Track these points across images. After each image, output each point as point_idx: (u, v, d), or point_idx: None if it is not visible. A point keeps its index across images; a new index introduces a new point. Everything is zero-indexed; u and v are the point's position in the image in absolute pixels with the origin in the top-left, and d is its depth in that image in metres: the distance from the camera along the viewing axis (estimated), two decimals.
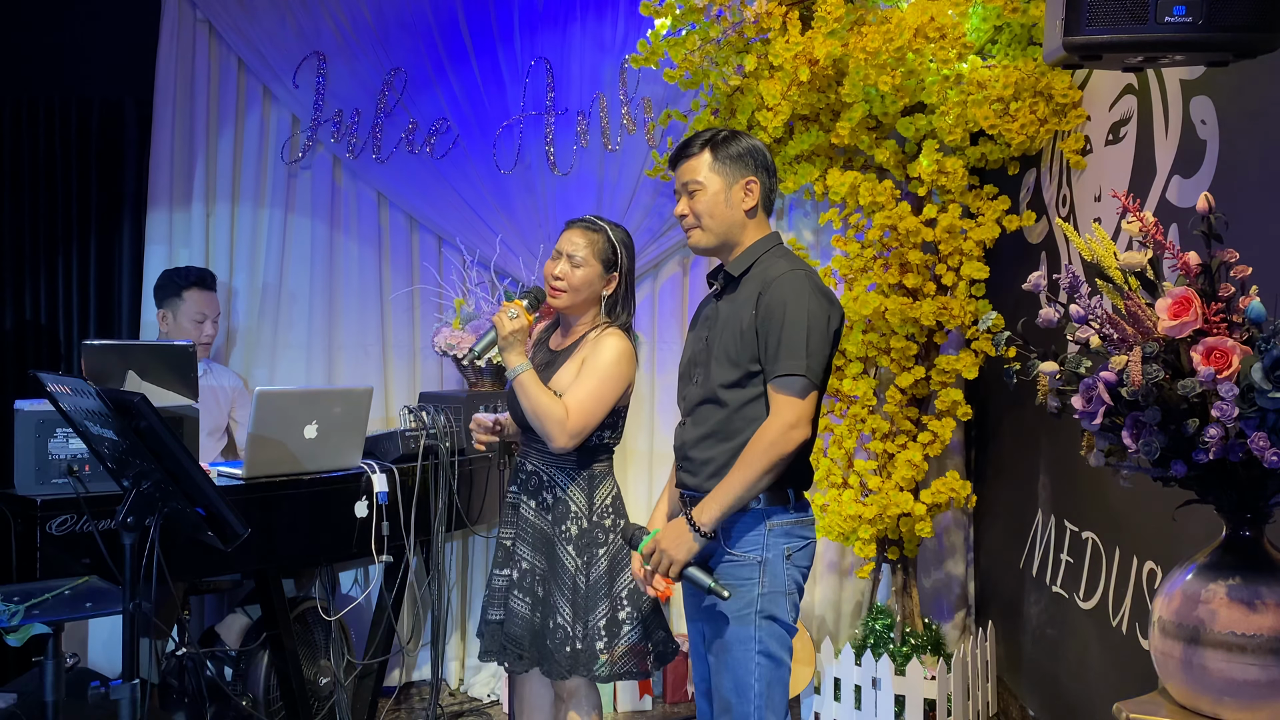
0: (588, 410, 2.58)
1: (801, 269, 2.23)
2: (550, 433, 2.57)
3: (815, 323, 2.17)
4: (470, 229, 4.18)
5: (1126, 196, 1.71)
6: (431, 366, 4.30)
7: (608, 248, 2.70)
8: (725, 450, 2.24)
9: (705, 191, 2.30)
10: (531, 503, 2.73)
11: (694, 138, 2.35)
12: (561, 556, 2.66)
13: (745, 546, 2.23)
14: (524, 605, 2.70)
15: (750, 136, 2.36)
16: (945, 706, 3.55)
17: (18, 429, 2.66)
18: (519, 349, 2.60)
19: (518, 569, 2.72)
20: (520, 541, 2.73)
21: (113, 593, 2.36)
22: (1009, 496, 3.75)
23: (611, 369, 2.61)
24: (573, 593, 2.64)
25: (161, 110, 4.11)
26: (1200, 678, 1.58)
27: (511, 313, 2.61)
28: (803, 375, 2.14)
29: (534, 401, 2.57)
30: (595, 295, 2.71)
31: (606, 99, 4.17)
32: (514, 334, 2.59)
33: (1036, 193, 3.47)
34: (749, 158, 2.31)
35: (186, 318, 3.69)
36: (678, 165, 2.35)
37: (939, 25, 3.17)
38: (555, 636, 2.64)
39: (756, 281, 2.25)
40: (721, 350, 2.26)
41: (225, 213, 4.18)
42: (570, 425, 2.57)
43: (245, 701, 3.33)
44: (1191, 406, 1.55)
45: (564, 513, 2.67)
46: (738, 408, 2.24)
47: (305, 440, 3.00)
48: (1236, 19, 1.88)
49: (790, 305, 2.17)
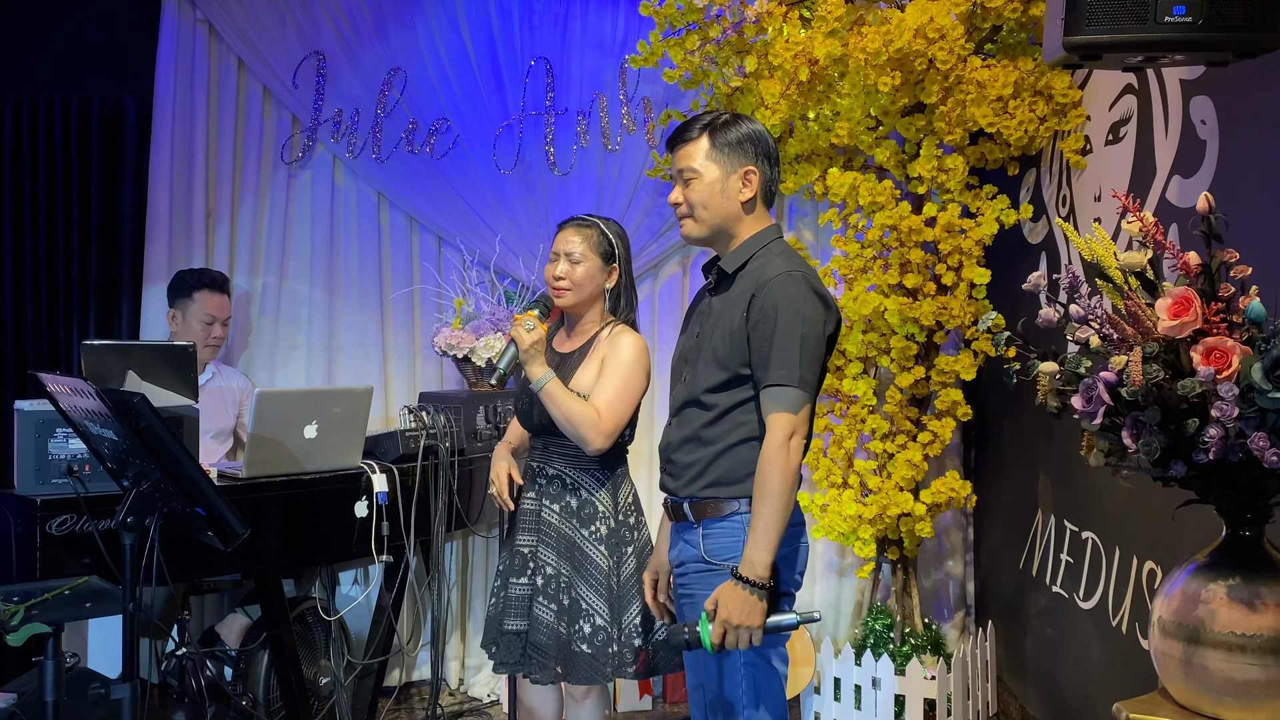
0: (618, 410, 2.59)
1: (798, 270, 2.11)
2: (586, 436, 2.56)
3: (810, 329, 2.06)
4: (470, 229, 4.18)
5: (1126, 196, 1.71)
6: (431, 366, 4.30)
7: (603, 241, 2.71)
8: (706, 455, 2.14)
9: (700, 180, 2.17)
10: (555, 507, 2.70)
11: (693, 121, 2.22)
12: (594, 557, 2.64)
13: (724, 555, 2.12)
14: (549, 613, 2.66)
15: (753, 121, 2.22)
16: (945, 706, 3.55)
17: (18, 429, 2.65)
18: (540, 359, 2.59)
19: (541, 575, 2.68)
20: (544, 547, 2.69)
21: (113, 593, 2.35)
22: (1009, 496, 3.75)
23: (634, 365, 2.63)
24: (608, 592, 2.63)
25: (161, 110, 4.11)
26: (1200, 678, 1.58)
27: (528, 325, 2.59)
28: (795, 386, 2.03)
29: (565, 409, 2.56)
30: (599, 290, 2.72)
31: (606, 99, 4.17)
32: (534, 345, 2.57)
33: (1036, 193, 3.47)
34: (749, 145, 2.17)
35: (195, 319, 3.69)
36: (675, 149, 2.22)
37: (939, 25, 3.17)
38: (595, 640, 2.61)
39: (750, 280, 2.13)
40: (710, 350, 2.16)
41: (225, 213, 4.18)
42: (604, 426, 2.56)
43: (245, 701, 3.33)
44: (1191, 406, 1.55)
45: (591, 514, 2.66)
46: (722, 412, 2.13)
47: (305, 440, 3.00)
48: (1236, 19, 1.88)
49: (783, 310, 2.05)
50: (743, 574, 2.00)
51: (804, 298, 2.07)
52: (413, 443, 3.28)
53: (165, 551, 2.16)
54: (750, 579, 1.99)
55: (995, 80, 3.22)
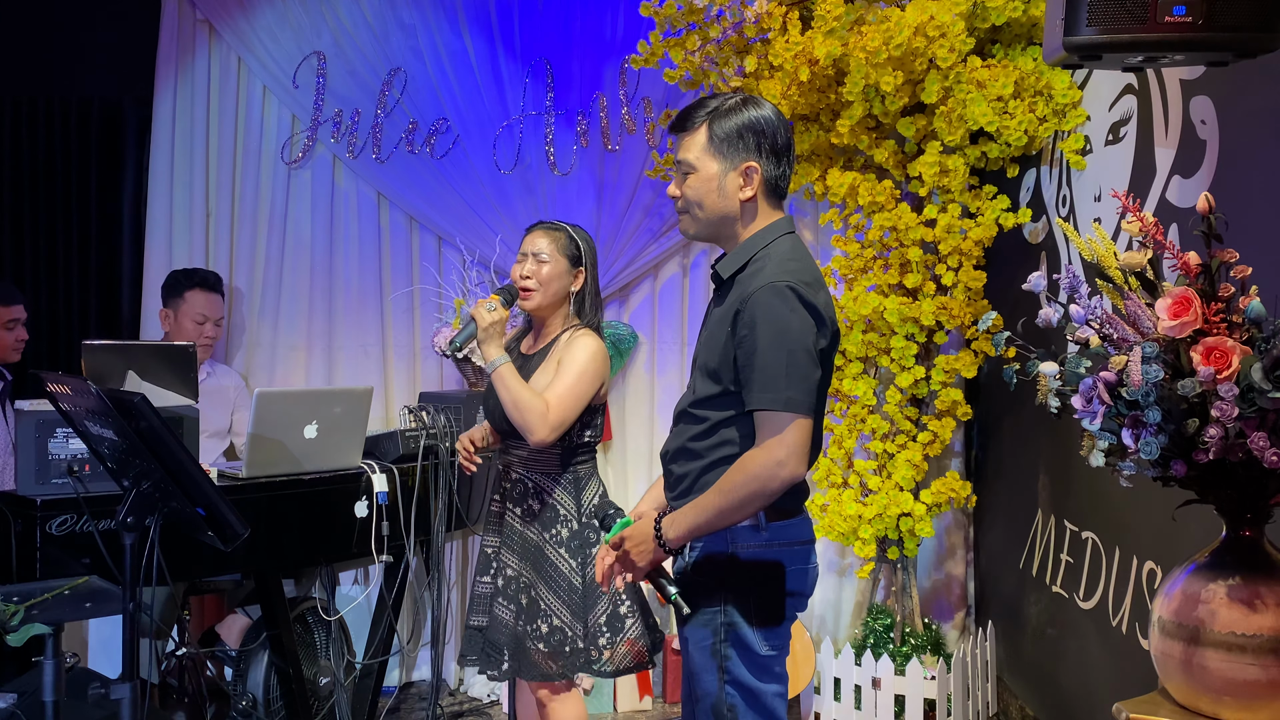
0: (566, 404, 2.60)
1: (784, 280, 1.93)
2: (531, 424, 2.57)
3: (797, 343, 1.90)
4: (470, 229, 4.18)
5: (1126, 196, 1.71)
6: (431, 366, 4.30)
7: (570, 244, 2.74)
8: (695, 469, 2.04)
9: (697, 176, 2.02)
10: (517, 510, 2.74)
11: (698, 105, 2.05)
12: (554, 560, 2.67)
13: (709, 567, 2.02)
14: (508, 612, 2.71)
15: (760, 106, 2.03)
16: (945, 706, 3.55)
17: (18, 429, 2.66)
18: (497, 341, 2.63)
19: (502, 576, 2.73)
20: (506, 549, 2.74)
21: (113, 593, 2.35)
22: (1009, 496, 3.75)
23: (587, 365, 2.64)
24: (569, 594, 2.65)
25: (161, 110, 4.11)
26: (1200, 678, 1.58)
27: (489, 305, 2.64)
28: (780, 410, 1.88)
29: (514, 394, 2.58)
30: (564, 292, 2.74)
31: (606, 99, 4.17)
32: (493, 325, 2.62)
33: (1036, 193, 3.46)
34: (750, 136, 2.00)
35: (187, 318, 3.70)
36: (677, 136, 2.07)
37: (939, 25, 3.17)
38: (551, 639, 2.64)
39: (740, 291, 1.98)
40: (703, 362, 2.06)
41: (225, 213, 4.18)
42: (552, 418, 2.58)
43: (245, 701, 3.33)
44: (1191, 406, 1.55)
45: (553, 518, 2.69)
46: (711, 427, 2.02)
47: (305, 440, 3.00)
48: (1236, 19, 1.88)
49: (763, 328, 1.90)
50: (660, 523, 1.98)
51: (789, 310, 1.91)
52: (413, 443, 3.28)
53: (165, 551, 2.16)
54: (661, 536, 1.97)
55: (995, 80, 3.22)
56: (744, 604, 2.01)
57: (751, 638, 2.01)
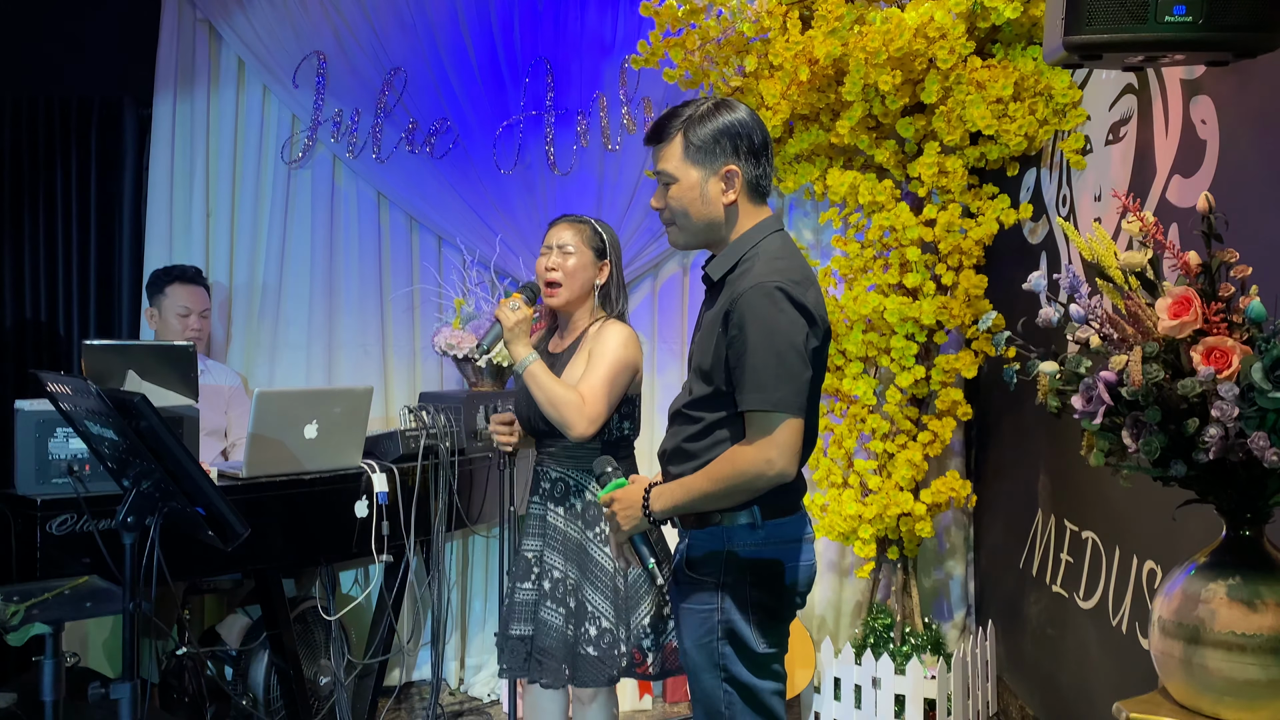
0: (602, 395, 2.55)
1: (771, 280, 1.92)
2: (568, 419, 2.52)
3: (786, 342, 1.90)
4: (470, 229, 4.18)
5: (1126, 196, 1.71)
6: (431, 366, 4.30)
7: (595, 236, 2.72)
8: (688, 469, 2.04)
9: (679, 186, 2.02)
10: (560, 510, 2.69)
11: (670, 116, 2.04)
12: (599, 559, 2.62)
13: (705, 564, 2.04)
14: (557, 616, 2.65)
15: (734, 109, 2.03)
16: (945, 706, 3.56)
17: (18, 429, 2.66)
18: (524, 340, 2.59)
19: (549, 579, 2.67)
20: (550, 551, 2.68)
21: (113, 593, 2.35)
22: (1009, 496, 3.75)
23: (620, 353, 2.60)
24: (613, 594, 2.60)
25: (161, 110, 4.11)
26: (1200, 677, 1.58)
27: (513, 304, 2.61)
28: (769, 410, 1.89)
29: (548, 390, 2.53)
30: (589, 285, 2.70)
31: (606, 99, 4.17)
32: (518, 324, 2.58)
33: (1036, 193, 3.47)
34: (725, 140, 1.99)
35: (170, 313, 3.69)
36: (654, 148, 2.06)
37: (939, 26, 3.17)
38: (600, 642, 2.58)
39: (730, 292, 1.99)
40: (696, 363, 2.06)
41: (225, 212, 4.18)
42: (589, 411, 2.52)
43: (245, 701, 3.33)
44: (1191, 406, 1.55)
45: (596, 515, 2.64)
46: (705, 427, 2.03)
47: (305, 440, 3.00)
48: (1236, 19, 1.88)
49: (752, 329, 1.90)
50: (649, 492, 2.05)
51: (777, 310, 1.91)
52: (413, 442, 3.28)
53: (165, 551, 2.16)
54: (651, 500, 2.04)
55: (995, 81, 3.22)
56: (741, 602, 2.02)
57: (749, 635, 2.01)
